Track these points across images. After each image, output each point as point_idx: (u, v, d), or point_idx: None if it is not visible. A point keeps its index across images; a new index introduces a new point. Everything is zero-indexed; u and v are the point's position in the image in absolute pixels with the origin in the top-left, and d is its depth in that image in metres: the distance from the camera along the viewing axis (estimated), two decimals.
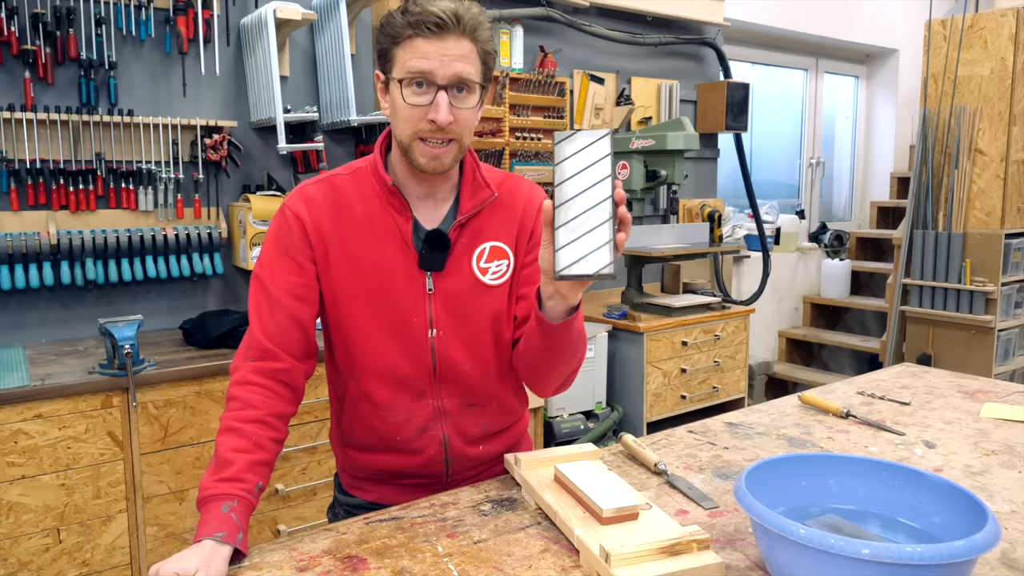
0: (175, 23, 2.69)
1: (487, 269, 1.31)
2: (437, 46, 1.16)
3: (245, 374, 1.23)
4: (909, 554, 0.82)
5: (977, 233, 4.01)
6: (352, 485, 1.44)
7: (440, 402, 1.33)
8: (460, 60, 1.17)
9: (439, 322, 1.29)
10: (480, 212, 1.32)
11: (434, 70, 1.16)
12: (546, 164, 3.72)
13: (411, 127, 1.20)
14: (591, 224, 1.04)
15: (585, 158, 1.05)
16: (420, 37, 1.16)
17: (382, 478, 1.39)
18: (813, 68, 5.53)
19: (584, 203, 1.04)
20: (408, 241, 1.28)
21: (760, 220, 4.41)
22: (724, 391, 3.79)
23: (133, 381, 2.15)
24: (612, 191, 1.04)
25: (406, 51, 1.18)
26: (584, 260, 1.04)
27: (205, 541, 1.04)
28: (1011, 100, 3.90)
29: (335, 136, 3.12)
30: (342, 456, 1.44)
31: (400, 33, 1.18)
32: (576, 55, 3.88)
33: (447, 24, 1.15)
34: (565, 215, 1.05)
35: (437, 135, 1.20)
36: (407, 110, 1.19)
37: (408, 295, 1.28)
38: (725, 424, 1.63)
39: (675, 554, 0.97)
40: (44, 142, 2.51)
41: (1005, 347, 4.11)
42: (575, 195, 1.05)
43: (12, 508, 2.03)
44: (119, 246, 2.63)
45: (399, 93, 1.19)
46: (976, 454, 1.44)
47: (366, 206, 1.28)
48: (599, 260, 1.03)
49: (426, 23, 1.15)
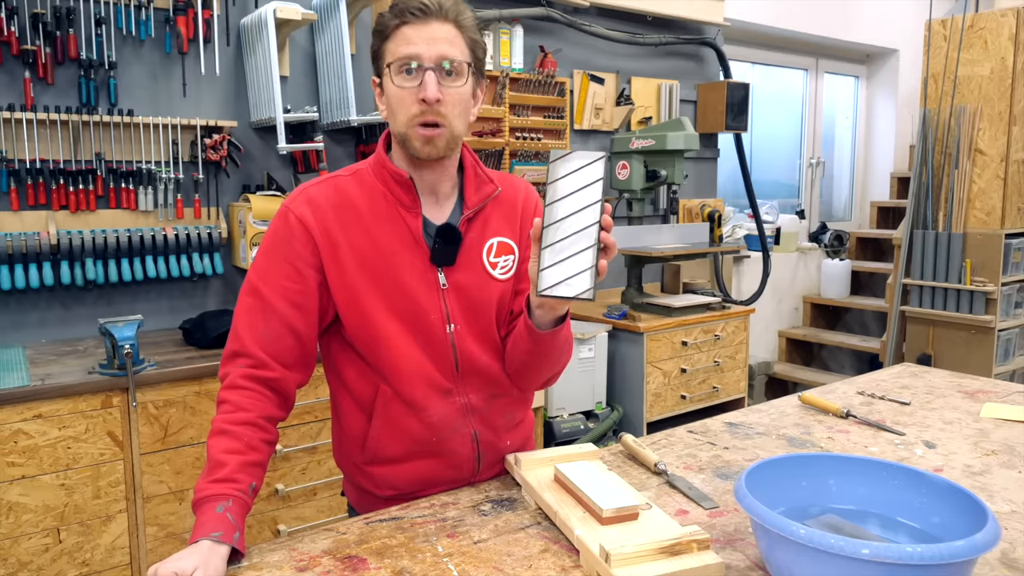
0: (175, 23, 2.69)
1: (496, 264, 1.33)
2: (422, 30, 1.20)
3: (235, 379, 1.23)
4: (909, 554, 0.82)
5: (977, 233, 4.01)
6: (377, 510, 1.33)
7: (466, 398, 1.32)
8: (445, 42, 1.20)
9: (455, 317, 1.29)
10: (485, 207, 1.34)
11: (420, 53, 1.19)
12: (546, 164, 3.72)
13: (405, 112, 1.22)
14: (576, 248, 1.09)
15: (578, 180, 1.09)
16: (405, 25, 1.20)
17: (412, 489, 1.33)
18: (813, 68, 5.53)
19: (572, 226, 1.09)
20: (418, 238, 1.28)
21: (760, 220, 4.41)
22: (724, 391, 3.79)
23: (133, 381, 2.15)
24: (600, 216, 1.08)
25: (395, 41, 1.21)
26: (566, 283, 1.09)
27: (202, 541, 1.04)
28: (1011, 100, 3.90)
29: (335, 136, 3.12)
30: (363, 477, 1.35)
31: (388, 25, 1.22)
32: (576, 55, 3.88)
33: (430, 9, 1.20)
34: (553, 236, 1.09)
35: (429, 116, 1.21)
36: (398, 95, 1.21)
37: (423, 292, 1.28)
38: (725, 424, 1.63)
39: (675, 554, 0.97)
40: (44, 142, 2.51)
41: (1005, 347, 4.11)
42: (564, 217, 1.09)
43: (12, 508, 2.03)
44: (119, 246, 2.63)
45: (390, 81, 1.22)
46: (976, 454, 1.44)
47: (372, 206, 1.28)
48: (580, 284, 1.09)
49: (409, 9, 1.20)
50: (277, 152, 2.90)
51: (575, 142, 3.90)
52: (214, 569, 1.01)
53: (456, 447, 1.32)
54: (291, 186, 3.03)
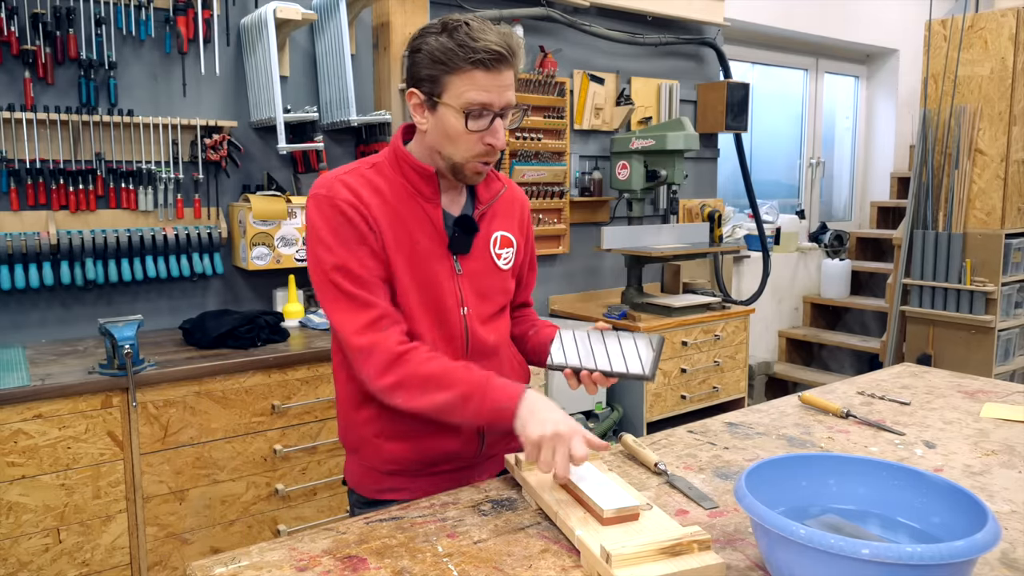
0: (175, 23, 2.69)
1: (501, 255, 1.46)
2: (495, 79, 1.26)
3: (391, 345, 1.27)
4: (909, 554, 0.82)
5: (977, 233, 4.01)
6: (380, 489, 1.43)
7: None
8: (509, 89, 1.29)
9: (468, 301, 1.40)
10: (495, 203, 1.46)
11: (493, 102, 1.27)
12: (546, 164, 3.73)
13: (470, 151, 1.31)
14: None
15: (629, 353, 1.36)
16: (479, 70, 1.25)
17: (417, 468, 1.40)
18: (813, 68, 5.53)
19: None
20: (438, 227, 1.37)
21: (760, 220, 4.41)
22: (724, 391, 3.79)
23: (133, 381, 2.15)
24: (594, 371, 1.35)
25: (464, 82, 1.26)
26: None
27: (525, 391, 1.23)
28: (1011, 100, 3.90)
29: (335, 136, 3.12)
30: (373, 452, 1.41)
31: (456, 65, 1.25)
32: (576, 55, 3.88)
33: (504, 57, 1.26)
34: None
35: (492, 157, 1.34)
36: (467, 136, 1.29)
37: (443, 276, 1.37)
38: (725, 424, 1.63)
39: (676, 554, 0.97)
40: (44, 142, 2.51)
41: (1005, 347, 4.11)
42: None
43: (12, 508, 2.03)
44: (119, 246, 2.63)
45: (454, 120, 1.28)
46: (976, 454, 1.44)
47: (395, 195, 1.36)
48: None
49: (487, 57, 1.24)
50: (277, 152, 2.90)
51: (575, 142, 3.90)
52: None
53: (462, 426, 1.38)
54: (291, 186, 3.03)
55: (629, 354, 1.33)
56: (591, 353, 1.35)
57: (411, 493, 1.38)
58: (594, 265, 4.04)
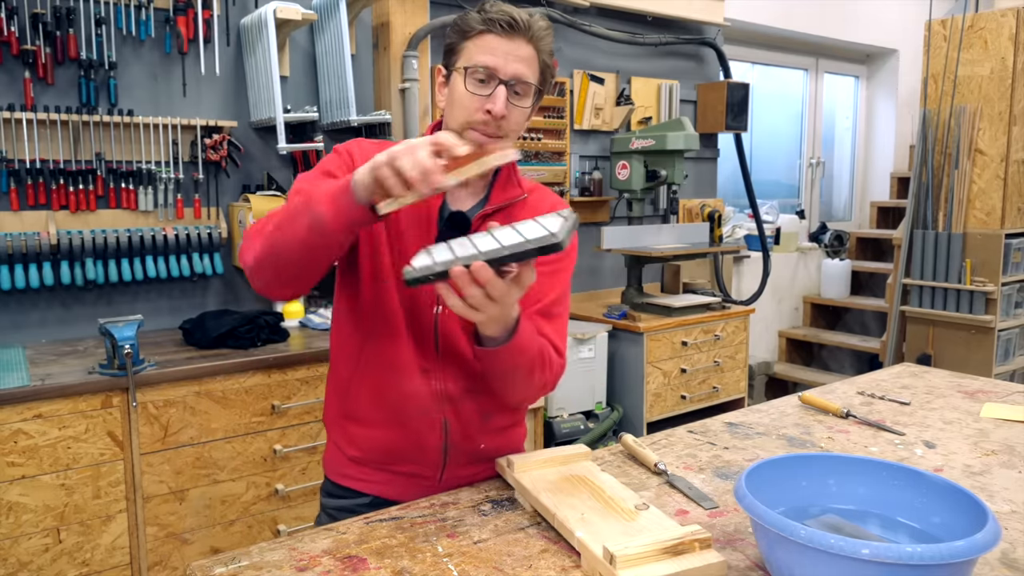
0: (175, 23, 2.69)
1: None
2: (505, 44, 1.25)
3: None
4: (909, 554, 0.82)
5: (977, 233, 4.01)
6: (343, 474, 1.41)
7: (443, 384, 1.32)
8: (522, 62, 1.26)
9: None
10: (506, 209, 1.37)
11: (499, 66, 1.25)
12: (546, 164, 3.73)
13: (467, 115, 1.27)
14: (456, 253, 1.05)
15: (534, 230, 1.05)
16: (491, 34, 1.26)
17: (379, 460, 1.37)
18: (813, 68, 5.54)
19: (482, 243, 1.06)
20: (432, 217, 1.32)
21: (760, 220, 4.41)
22: (724, 391, 3.79)
23: (133, 381, 2.15)
24: (496, 255, 1.01)
25: (476, 45, 1.26)
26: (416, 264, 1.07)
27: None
28: (1011, 100, 3.90)
29: (335, 136, 3.11)
30: (340, 432, 1.41)
31: (473, 28, 1.27)
32: (576, 55, 3.88)
33: (518, 25, 1.25)
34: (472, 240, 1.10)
35: (489, 127, 1.26)
36: (467, 98, 1.26)
37: None
38: (725, 424, 1.63)
39: (678, 554, 0.97)
40: (44, 142, 2.51)
41: (1005, 347, 4.11)
42: (496, 236, 1.07)
43: (12, 508, 2.03)
44: (119, 246, 2.63)
45: (461, 82, 1.26)
46: (976, 454, 1.44)
47: None
48: (417, 262, 1.07)
49: (500, 21, 1.25)
50: (277, 152, 2.89)
51: (575, 142, 3.90)
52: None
53: (423, 428, 1.33)
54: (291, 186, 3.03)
55: (529, 229, 1.05)
56: (472, 246, 1.06)
57: (368, 486, 1.37)
58: (594, 265, 4.04)
